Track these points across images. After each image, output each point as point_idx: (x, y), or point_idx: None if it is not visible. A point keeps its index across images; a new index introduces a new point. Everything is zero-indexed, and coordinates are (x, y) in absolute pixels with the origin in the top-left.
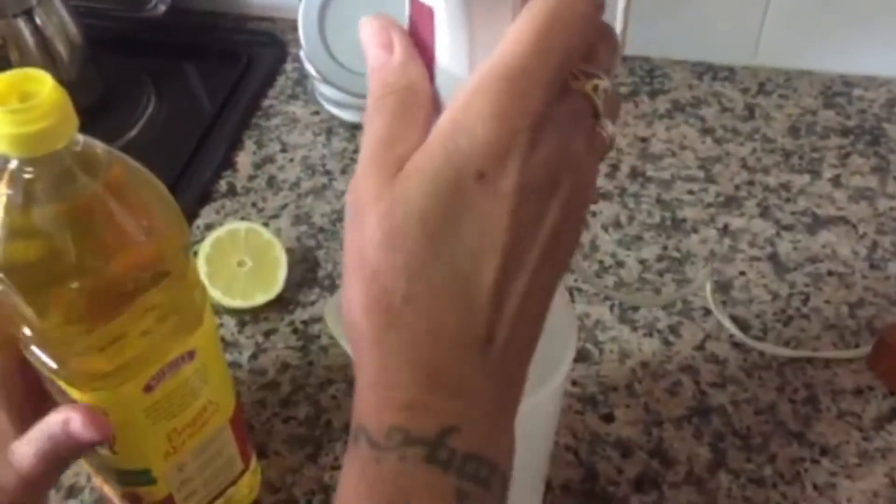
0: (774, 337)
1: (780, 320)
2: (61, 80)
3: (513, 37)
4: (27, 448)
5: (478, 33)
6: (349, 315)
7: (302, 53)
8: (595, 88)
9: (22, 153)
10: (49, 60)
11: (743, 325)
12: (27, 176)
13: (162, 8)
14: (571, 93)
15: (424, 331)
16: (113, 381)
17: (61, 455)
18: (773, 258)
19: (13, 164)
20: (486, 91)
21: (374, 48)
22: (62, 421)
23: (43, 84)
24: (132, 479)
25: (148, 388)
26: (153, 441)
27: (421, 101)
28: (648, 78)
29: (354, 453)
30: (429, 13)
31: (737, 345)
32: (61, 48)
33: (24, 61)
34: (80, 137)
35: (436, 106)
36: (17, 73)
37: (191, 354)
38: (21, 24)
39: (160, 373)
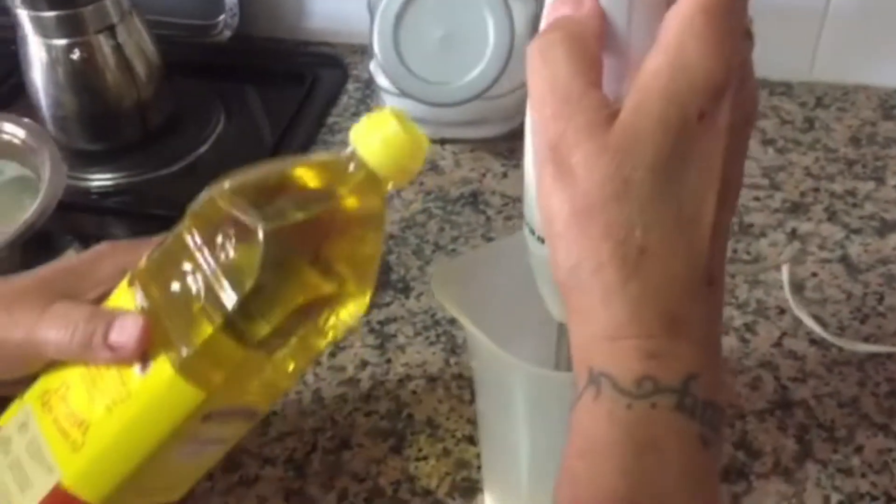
0: (852, 334)
1: (857, 318)
2: (139, 97)
3: None
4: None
5: None
6: (573, 276)
7: (372, 66)
8: (751, 21)
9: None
10: (129, 78)
11: (819, 323)
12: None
13: (227, 34)
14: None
15: (660, 279)
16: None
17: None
18: (845, 260)
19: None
20: (697, 30)
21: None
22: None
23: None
24: None
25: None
26: None
27: (590, 38)
28: None
29: (598, 398)
30: None
31: (815, 342)
32: (140, 67)
33: (104, 78)
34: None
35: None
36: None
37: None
38: (102, 40)
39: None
